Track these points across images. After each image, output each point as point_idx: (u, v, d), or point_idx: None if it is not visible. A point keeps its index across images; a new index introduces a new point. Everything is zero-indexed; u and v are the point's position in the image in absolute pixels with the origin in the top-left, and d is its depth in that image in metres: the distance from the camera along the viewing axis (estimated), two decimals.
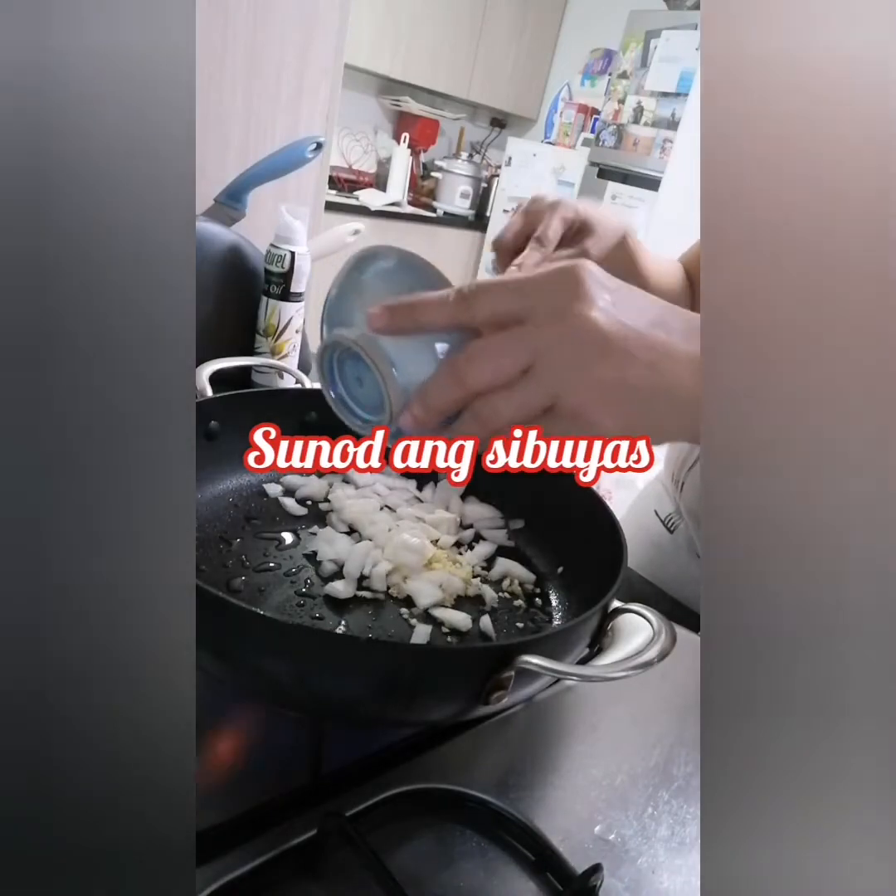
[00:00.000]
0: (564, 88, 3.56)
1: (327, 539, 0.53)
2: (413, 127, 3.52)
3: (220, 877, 0.32)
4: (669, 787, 0.43)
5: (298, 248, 0.81)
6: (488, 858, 0.37)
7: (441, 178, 3.58)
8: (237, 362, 0.69)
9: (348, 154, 3.36)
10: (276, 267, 0.81)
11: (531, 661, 0.34)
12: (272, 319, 0.83)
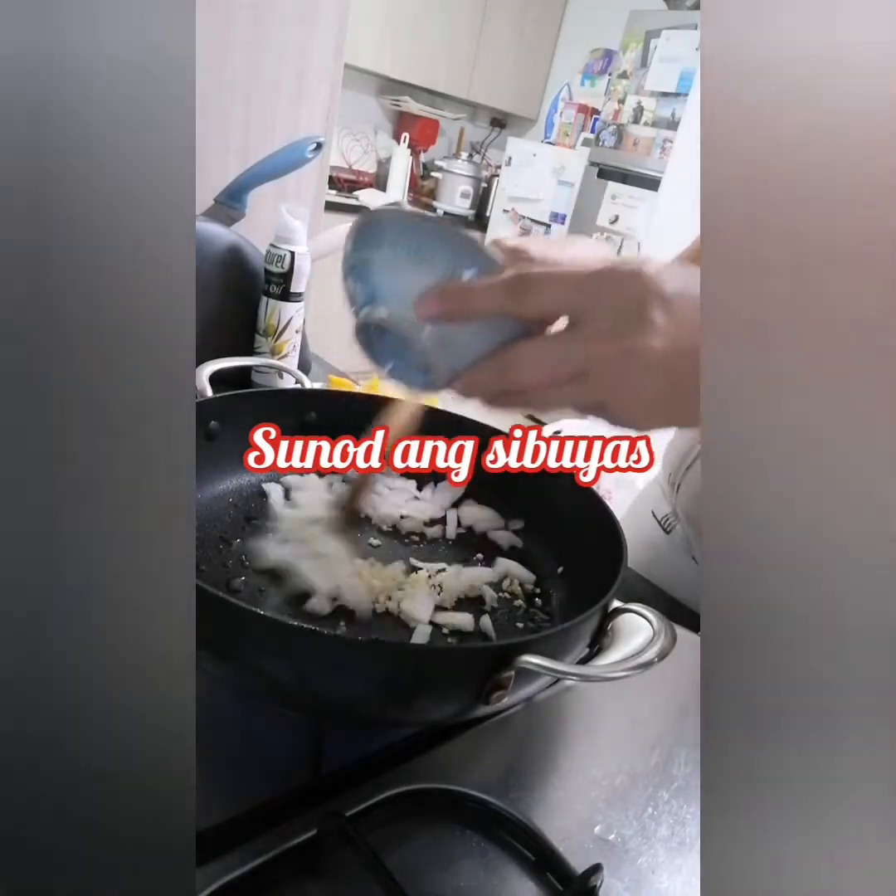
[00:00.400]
0: (564, 88, 3.57)
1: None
2: (413, 127, 3.52)
3: (220, 877, 0.32)
4: (669, 787, 0.43)
5: (298, 248, 0.81)
6: (488, 858, 0.37)
7: (441, 178, 3.59)
8: (237, 362, 0.69)
9: (348, 154, 3.36)
10: (276, 267, 0.81)
11: (531, 661, 0.34)
12: (272, 319, 0.83)
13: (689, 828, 0.41)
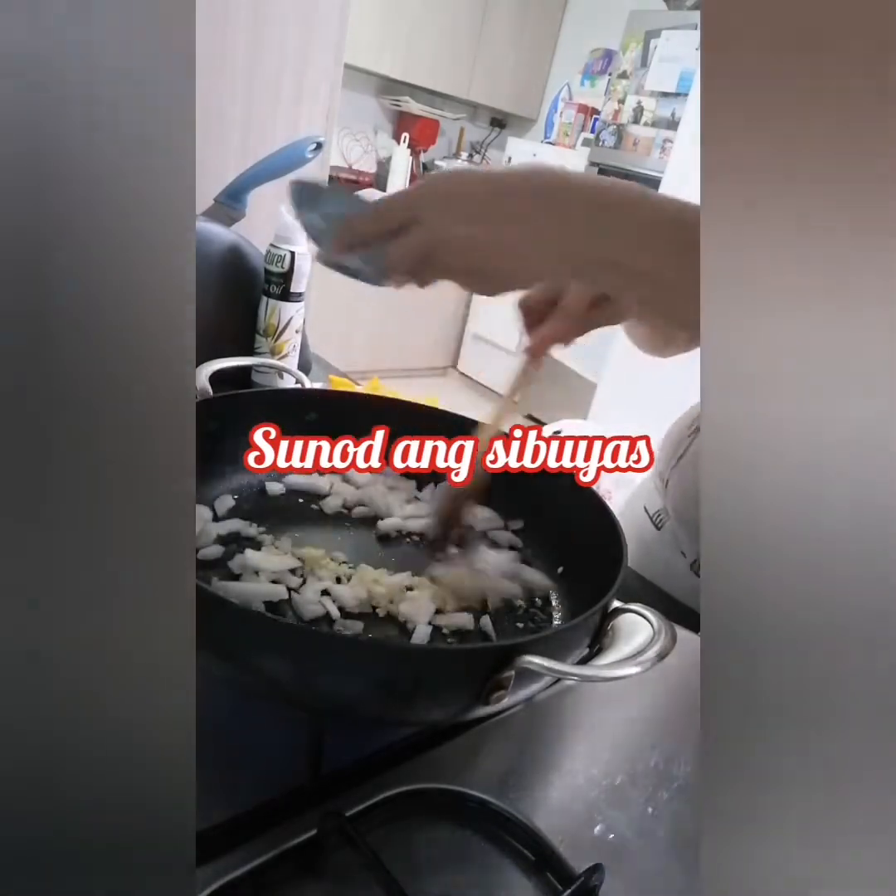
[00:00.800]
0: (564, 88, 3.56)
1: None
2: (413, 127, 3.52)
3: (220, 877, 0.32)
4: (669, 787, 0.43)
5: (298, 248, 0.81)
6: (488, 858, 0.37)
7: None
8: (237, 362, 0.69)
9: (348, 154, 3.36)
10: (276, 267, 0.81)
11: (531, 661, 0.34)
12: (272, 319, 0.83)
13: (689, 828, 0.41)
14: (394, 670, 0.34)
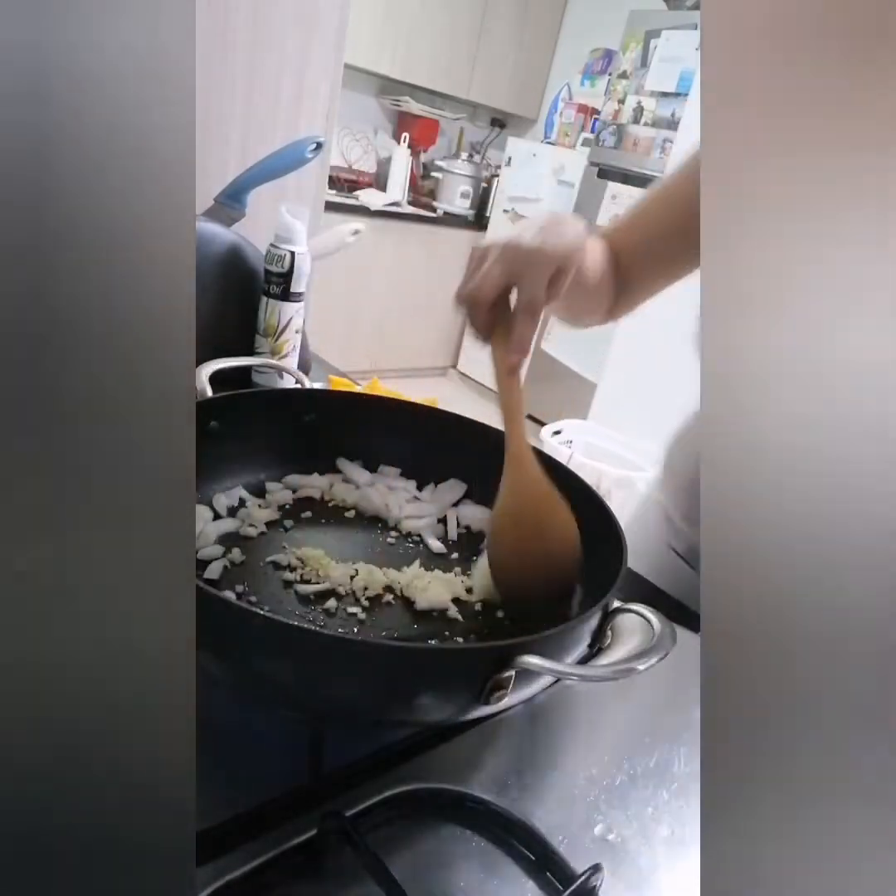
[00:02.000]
0: (564, 88, 3.57)
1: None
2: (413, 127, 3.52)
3: (220, 877, 0.32)
4: (669, 787, 0.43)
5: (298, 248, 0.81)
6: (488, 858, 0.37)
7: (441, 178, 3.59)
8: (237, 362, 0.69)
9: (348, 154, 3.36)
10: (276, 267, 0.81)
11: (531, 661, 0.34)
12: (272, 319, 0.83)
13: (688, 828, 0.41)
14: (394, 670, 0.34)
